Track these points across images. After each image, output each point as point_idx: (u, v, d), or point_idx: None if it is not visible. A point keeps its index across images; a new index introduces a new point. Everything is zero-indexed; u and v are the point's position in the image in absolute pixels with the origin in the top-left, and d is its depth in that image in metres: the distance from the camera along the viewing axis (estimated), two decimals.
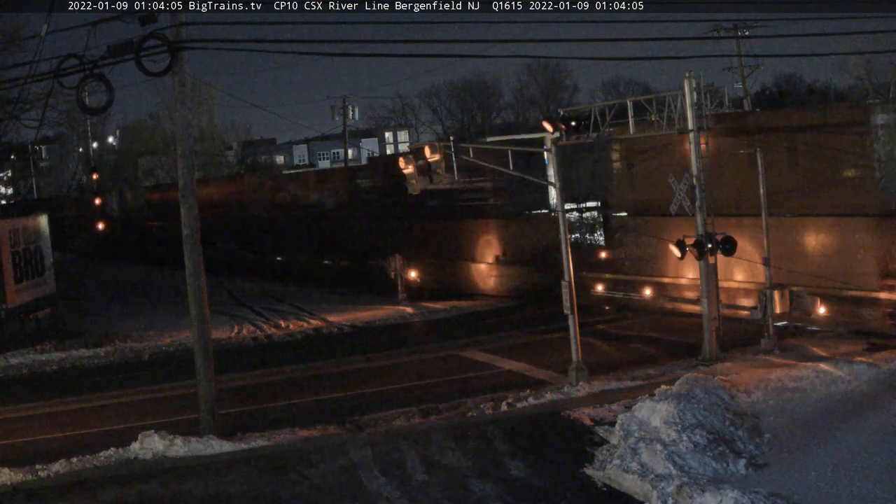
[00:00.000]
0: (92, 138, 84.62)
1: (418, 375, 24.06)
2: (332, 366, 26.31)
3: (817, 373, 20.11)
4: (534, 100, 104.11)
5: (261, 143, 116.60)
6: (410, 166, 23.88)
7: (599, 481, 14.74)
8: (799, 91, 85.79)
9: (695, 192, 22.09)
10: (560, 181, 21.95)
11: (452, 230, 38.36)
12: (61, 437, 19.93)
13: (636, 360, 23.31)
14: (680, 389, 17.90)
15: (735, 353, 22.63)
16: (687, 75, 22.07)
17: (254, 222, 53.98)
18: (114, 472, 16.78)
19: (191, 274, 18.54)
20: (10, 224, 33.19)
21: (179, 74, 18.00)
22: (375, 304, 36.92)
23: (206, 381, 18.59)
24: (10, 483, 16.34)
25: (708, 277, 22.41)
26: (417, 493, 14.63)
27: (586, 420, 17.95)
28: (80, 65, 17.24)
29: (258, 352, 29.71)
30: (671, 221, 25.23)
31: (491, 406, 19.68)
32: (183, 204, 18.51)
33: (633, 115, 23.72)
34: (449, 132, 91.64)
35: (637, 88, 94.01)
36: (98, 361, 29.41)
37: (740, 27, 54.86)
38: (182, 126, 18.62)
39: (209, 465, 16.77)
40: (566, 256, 21.58)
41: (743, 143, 26.09)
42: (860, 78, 70.66)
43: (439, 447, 16.77)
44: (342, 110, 71.82)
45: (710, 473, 14.18)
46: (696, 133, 22.20)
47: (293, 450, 17.36)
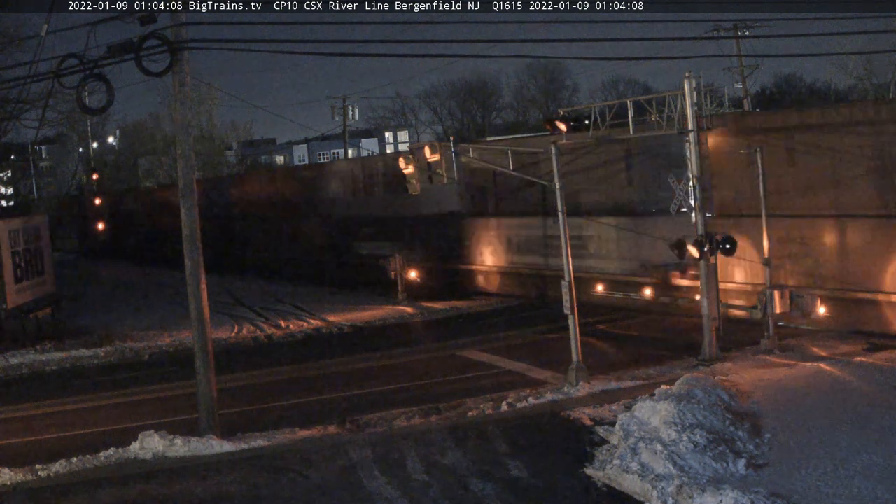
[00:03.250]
0: (92, 138, 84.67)
1: (418, 375, 24.06)
2: (332, 366, 26.32)
3: (817, 373, 20.14)
4: (534, 100, 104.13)
5: (261, 143, 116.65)
6: (410, 166, 23.89)
7: (599, 481, 14.73)
8: (799, 91, 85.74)
9: (695, 192, 22.11)
10: (560, 181, 21.93)
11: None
12: (61, 437, 19.93)
13: (636, 360, 23.31)
14: (680, 389, 17.91)
15: (735, 353, 22.64)
16: (687, 75, 22.09)
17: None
18: (114, 472, 16.78)
19: (191, 274, 18.55)
20: (10, 224, 33.19)
21: (179, 74, 18.00)
22: (375, 304, 36.92)
23: (206, 381, 18.58)
24: (10, 483, 16.33)
25: (708, 277, 22.41)
26: (417, 493, 14.63)
27: (586, 420, 17.96)
28: (80, 65, 17.22)
29: (258, 352, 29.70)
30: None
31: (491, 406, 19.69)
32: (183, 204, 18.51)
33: (633, 115, 23.74)
34: (449, 132, 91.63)
35: (637, 88, 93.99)
36: (98, 361, 29.40)
37: (740, 27, 54.94)
38: (182, 126, 18.62)
39: (209, 465, 16.77)
40: (566, 256, 21.58)
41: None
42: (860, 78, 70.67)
43: (439, 447, 16.77)
44: (342, 110, 71.89)
45: (710, 473, 14.18)
46: (695, 133, 22.21)
47: (293, 450, 17.36)
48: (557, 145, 22.30)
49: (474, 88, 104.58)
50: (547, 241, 33.14)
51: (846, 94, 72.19)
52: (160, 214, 63.13)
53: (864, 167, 23.98)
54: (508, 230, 36.24)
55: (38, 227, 35.50)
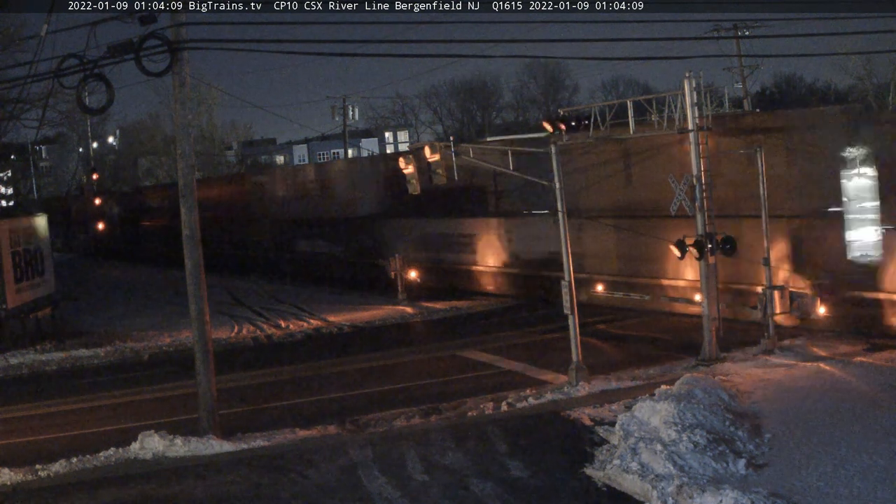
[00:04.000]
0: (92, 138, 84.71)
1: (418, 375, 24.06)
2: (332, 366, 26.31)
3: (817, 373, 20.14)
4: (534, 100, 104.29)
5: (261, 143, 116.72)
6: (410, 166, 23.87)
7: (599, 481, 14.73)
8: (799, 91, 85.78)
9: (694, 191, 22.10)
10: (560, 181, 21.92)
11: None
12: (61, 437, 19.93)
13: (636, 360, 23.30)
14: (680, 389, 17.91)
15: (735, 353, 22.64)
16: (687, 75, 22.07)
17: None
18: (114, 472, 16.78)
19: (190, 274, 18.55)
20: (10, 224, 33.16)
21: (179, 74, 18.01)
22: (375, 303, 36.91)
23: (206, 381, 18.59)
24: (10, 483, 16.34)
25: (708, 277, 22.41)
26: (417, 493, 14.63)
27: (586, 420, 17.96)
28: (80, 65, 17.23)
29: (258, 352, 29.69)
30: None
31: (491, 406, 19.69)
32: (183, 204, 18.52)
33: (634, 115, 23.72)
34: (449, 132, 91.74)
35: (637, 88, 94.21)
36: (98, 361, 29.39)
37: (740, 27, 54.94)
38: (182, 126, 18.62)
39: (209, 465, 16.78)
40: (566, 256, 21.57)
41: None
42: (860, 78, 70.72)
43: (439, 447, 16.77)
44: (342, 110, 71.91)
45: (710, 473, 14.17)
46: (695, 133, 22.20)
47: (293, 450, 17.36)
48: (557, 145, 22.30)
49: (474, 88, 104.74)
50: (453, 240, 38.87)
51: (846, 94, 72.24)
52: (152, 214, 64.56)
53: None
54: (422, 229, 40.50)
55: (37, 227, 35.48)
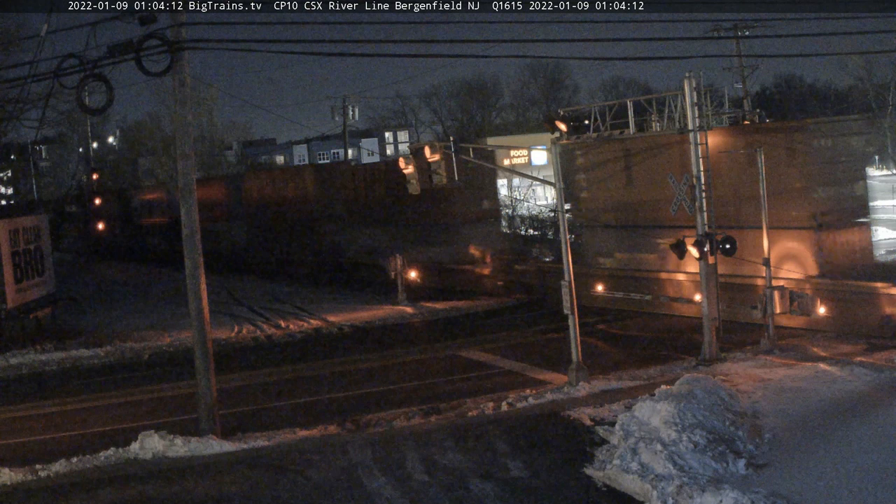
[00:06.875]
0: (92, 138, 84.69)
1: (418, 375, 24.06)
2: (332, 366, 26.30)
3: (817, 373, 20.13)
4: (534, 100, 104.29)
5: (261, 143, 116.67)
6: (410, 166, 23.87)
7: (599, 481, 14.73)
8: (799, 91, 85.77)
9: (694, 191, 22.11)
10: (560, 181, 21.93)
11: None
12: (61, 437, 19.93)
13: (636, 360, 23.31)
14: (680, 389, 17.90)
15: (735, 353, 22.64)
16: (687, 75, 22.08)
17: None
18: (114, 472, 16.77)
19: (190, 273, 18.54)
20: (10, 224, 33.15)
21: (179, 74, 18.00)
22: (375, 304, 36.90)
23: (206, 381, 18.58)
24: (10, 483, 16.33)
25: (708, 277, 22.40)
26: (417, 493, 14.63)
27: (586, 420, 17.95)
28: (80, 65, 17.23)
29: (258, 352, 29.68)
30: None
31: (491, 406, 19.69)
32: (183, 204, 18.51)
33: (634, 115, 23.74)
34: (449, 132, 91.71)
35: (637, 88, 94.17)
36: (98, 361, 29.38)
37: (740, 27, 54.91)
38: (182, 126, 18.61)
39: (209, 465, 16.77)
40: (566, 256, 21.56)
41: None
42: (860, 78, 70.73)
43: (439, 447, 16.76)
44: (342, 110, 71.88)
45: (710, 473, 14.18)
46: (695, 133, 22.21)
47: (293, 450, 17.36)
48: (557, 145, 22.32)
49: (474, 88, 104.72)
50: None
51: (846, 94, 72.27)
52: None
53: None
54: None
55: (38, 227, 35.47)
